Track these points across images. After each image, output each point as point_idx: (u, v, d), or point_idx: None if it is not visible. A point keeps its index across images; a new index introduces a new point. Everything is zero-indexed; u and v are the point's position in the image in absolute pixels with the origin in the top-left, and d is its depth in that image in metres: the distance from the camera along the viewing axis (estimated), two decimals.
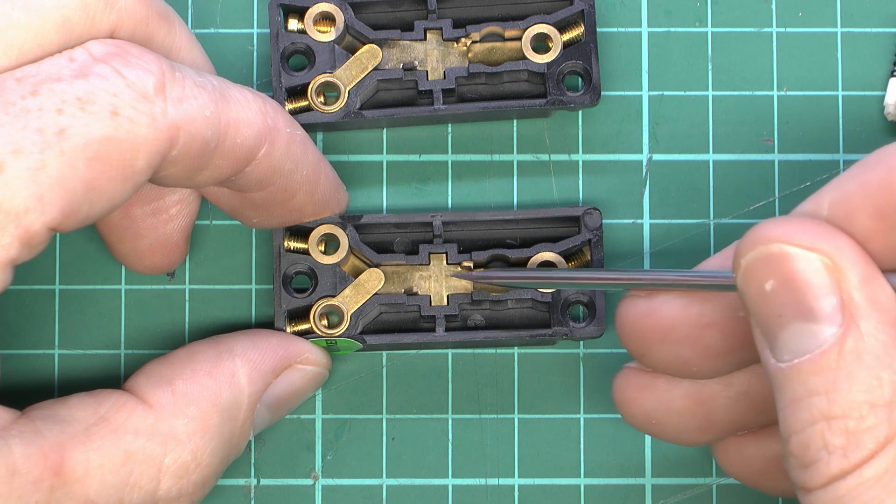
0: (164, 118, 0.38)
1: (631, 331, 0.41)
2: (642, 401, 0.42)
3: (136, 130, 0.37)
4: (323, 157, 0.44)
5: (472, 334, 0.45)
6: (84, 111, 0.37)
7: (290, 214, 0.44)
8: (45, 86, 0.37)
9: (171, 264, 0.45)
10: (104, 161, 0.37)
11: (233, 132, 0.40)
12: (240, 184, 0.41)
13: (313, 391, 0.46)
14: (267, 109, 0.41)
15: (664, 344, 0.40)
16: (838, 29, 0.48)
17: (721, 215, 0.48)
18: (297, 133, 0.42)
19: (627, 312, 0.41)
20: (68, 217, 0.37)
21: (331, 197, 0.44)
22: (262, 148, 0.41)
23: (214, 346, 0.44)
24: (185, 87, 0.38)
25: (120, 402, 0.41)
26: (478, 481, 0.47)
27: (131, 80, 0.37)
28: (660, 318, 0.40)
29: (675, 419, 0.42)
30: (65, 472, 0.39)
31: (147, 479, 0.40)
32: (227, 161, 0.40)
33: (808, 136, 0.48)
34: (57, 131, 0.36)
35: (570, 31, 0.46)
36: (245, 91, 0.41)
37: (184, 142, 0.38)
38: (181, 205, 0.45)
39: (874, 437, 0.34)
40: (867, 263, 0.35)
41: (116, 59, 0.38)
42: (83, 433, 0.40)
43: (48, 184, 0.36)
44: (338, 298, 0.45)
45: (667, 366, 0.41)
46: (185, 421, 0.41)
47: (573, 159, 0.48)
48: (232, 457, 0.43)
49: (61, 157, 0.36)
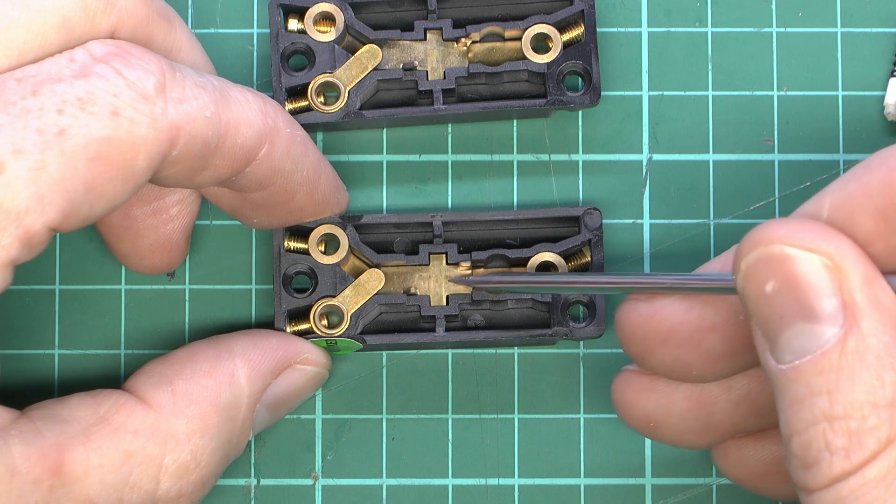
0: (165, 118, 0.38)
1: (631, 334, 0.40)
2: (642, 403, 0.42)
3: (137, 131, 0.37)
4: (323, 157, 0.44)
5: (471, 334, 0.45)
6: (84, 111, 0.37)
7: (291, 215, 0.44)
8: (45, 86, 0.37)
9: (171, 264, 0.45)
10: (104, 161, 0.37)
11: (233, 132, 0.40)
12: (240, 184, 0.41)
13: (313, 391, 0.46)
14: (267, 110, 0.41)
15: (665, 347, 0.40)
16: (838, 29, 0.48)
17: (721, 215, 0.48)
18: (297, 133, 0.42)
19: (628, 315, 0.41)
20: (69, 217, 0.37)
21: (331, 197, 0.44)
22: (263, 148, 0.41)
23: (214, 347, 0.44)
24: (186, 87, 0.38)
25: (120, 402, 0.41)
26: (478, 481, 0.47)
27: (132, 81, 0.37)
28: (661, 321, 0.40)
29: (676, 422, 0.42)
30: (64, 472, 0.39)
31: (146, 479, 0.40)
32: (227, 161, 0.40)
33: (808, 136, 0.48)
34: (57, 132, 0.36)
35: (570, 31, 0.46)
36: (245, 91, 0.41)
37: (184, 142, 0.38)
38: (181, 205, 0.45)
39: (876, 437, 0.34)
40: (868, 264, 0.35)
41: (117, 59, 0.38)
42: (83, 433, 0.40)
43: (48, 184, 0.36)
44: (338, 298, 0.45)
45: (667, 369, 0.41)
46: (185, 421, 0.41)
47: (573, 159, 0.48)
48: (232, 457, 0.43)
49: (61, 158, 0.36)
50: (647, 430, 0.42)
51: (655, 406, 0.42)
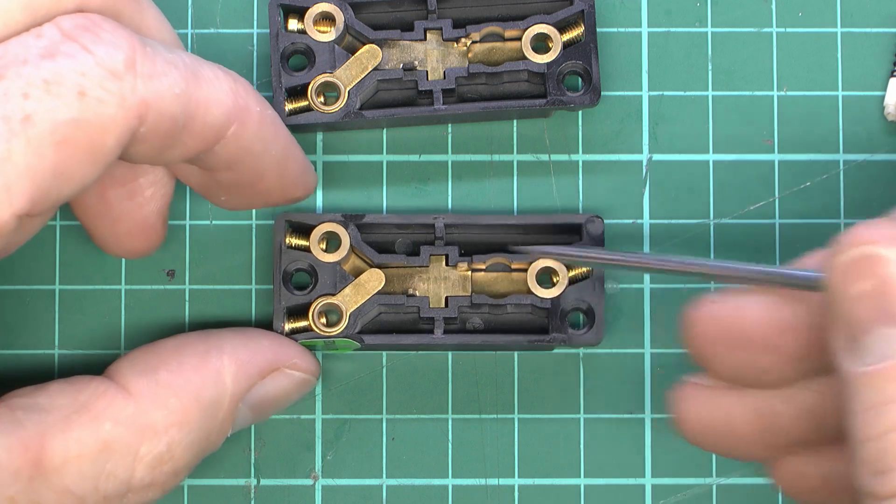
0: (134, 96, 0.37)
1: (706, 334, 0.39)
2: (706, 417, 0.41)
3: (105, 111, 0.36)
4: (293, 138, 0.43)
5: (470, 338, 0.45)
6: (50, 94, 0.36)
7: (259, 196, 0.43)
8: (11, 69, 0.36)
9: (149, 247, 0.45)
10: (72, 144, 0.36)
11: (202, 111, 0.39)
12: (209, 163, 0.41)
13: (298, 397, 0.46)
14: (238, 89, 0.40)
15: (740, 348, 0.39)
16: (838, 29, 0.48)
17: (721, 215, 0.47)
18: (267, 113, 0.41)
19: (707, 314, 0.39)
20: (37, 203, 0.36)
21: (299, 179, 0.44)
22: (232, 127, 0.40)
23: (204, 341, 0.43)
24: (156, 63, 0.38)
25: (100, 391, 0.41)
26: (478, 481, 0.47)
27: (100, 57, 0.37)
28: (741, 321, 0.39)
29: (740, 436, 0.40)
30: (44, 463, 0.39)
31: (122, 468, 0.40)
32: (195, 139, 0.39)
33: (808, 136, 0.48)
34: (22, 118, 0.35)
35: (570, 31, 0.46)
36: (216, 69, 0.40)
37: (152, 119, 0.38)
38: (155, 186, 0.44)
39: None
40: None
41: (86, 34, 0.37)
42: (62, 421, 0.40)
43: (15, 173, 0.35)
44: (337, 297, 0.45)
45: (736, 372, 0.39)
46: (165, 412, 0.41)
47: (573, 159, 0.48)
48: (207, 452, 0.43)
49: (28, 146, 0.35)
50: (711, 444, 0.41)
51: (720, 419, 0.40)
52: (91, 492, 0.40)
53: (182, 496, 0.47)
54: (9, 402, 0.40)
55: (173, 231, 0.47)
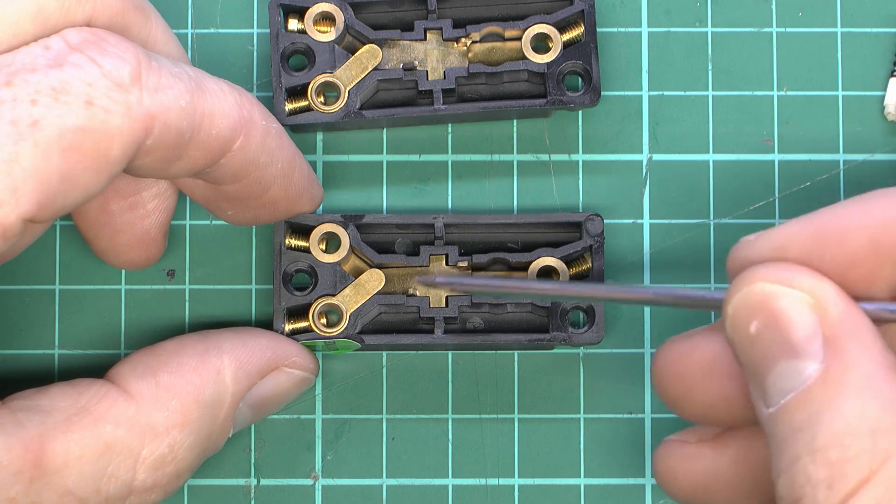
0: (140, 107, 0.37)
1: (671, 373, 0.39)
2: (687, 472, 0.40)
3: (111, 120, 0.37)
4: (298, 151, 0.43)
5: (470, 337, 0.45)
6: (58, 101, 0.36)
7: (265, 208, 0.44)
8: (19, 76, 0.36)
9: (148, 259, 0.45)
10: (78, 151, 0.36)
11: (208, 123, 0.39)
12: (214, 176, 0.41)
13: (298, 395, 0.46)
14: (243, 102, 0.40)
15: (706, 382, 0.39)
16: (838, 29, 0.48)
17: (721, 215, 0.48)
18: (272, 126, 0.42)
19: (666, 355, 0.39)
20: (43, 208, 0.36)
21: (305, 191, 0.44)
22: (238, 140, 0.40)
23: (203, 342, 0.43)
24: (161, 76, 0.38)
25: (101, 393, 0.41)
26: (478, 481, 0.47)
27: (107, 69, 0.37)
28: (701, 355, 0.39)
29: (724, 488, 0.40)
30: (45, 464, 0.39)
31: (124, 470, 0.40)
32: (201, 152, 0.40)
33: (808, 136, 0.48)
34: (31, 122, 0.36)
35: (570, 31, 0.46)
36: (221, 83, 0.40)
37: (158, 131, 0.38)
38: (158, 199, 0.44)
39: (859, 466, 0.33)
40: (847, 298, 0.35)
41: (92, 47, 0.37)
42: (64, 423, 0.40)
43: (22, 176, 0.36)
44: (337, 297, 0.45)
45: (708, 409, 0.39)
46: (166, 414, 0.41)
47: (573, 159, 0.48)
48: (209, 452, 0.43)
49: (35, 149, 0.36)
50: (695, 499, 0.41)
51: (703, 473, 0.40)
52: (92, 493, 0.40)
53: (182, 496, 0.47)
54: (10, 404, 0.40)
55: (173, 231, 0.47)
